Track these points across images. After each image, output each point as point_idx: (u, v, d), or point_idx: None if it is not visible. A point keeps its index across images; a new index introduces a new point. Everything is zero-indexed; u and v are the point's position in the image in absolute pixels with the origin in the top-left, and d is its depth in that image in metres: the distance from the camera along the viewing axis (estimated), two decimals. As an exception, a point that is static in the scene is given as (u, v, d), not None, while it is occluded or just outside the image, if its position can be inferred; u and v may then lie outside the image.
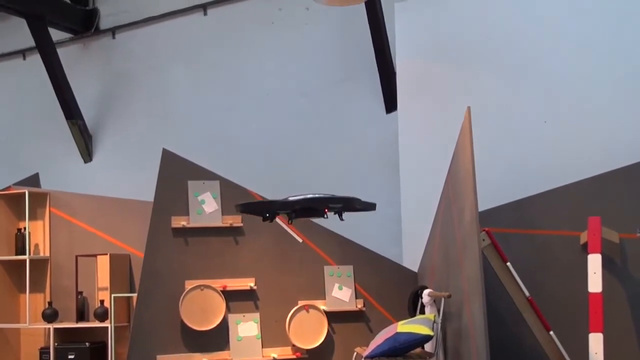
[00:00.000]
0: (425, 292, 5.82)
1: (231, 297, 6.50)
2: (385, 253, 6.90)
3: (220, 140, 9.38)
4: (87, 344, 7.39)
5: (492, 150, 6.52)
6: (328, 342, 6.58)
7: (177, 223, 6.50)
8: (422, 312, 5.88)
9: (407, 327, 5.39)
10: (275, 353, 6.51)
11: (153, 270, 6.39)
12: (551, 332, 5.70)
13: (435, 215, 6.35)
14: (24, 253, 7.59)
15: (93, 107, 10.50)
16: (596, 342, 5.23)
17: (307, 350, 6.53)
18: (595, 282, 5.35)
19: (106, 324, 7.28)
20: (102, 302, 7.37)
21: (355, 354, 6.20)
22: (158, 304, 6.37)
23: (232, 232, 6.61)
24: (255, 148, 9.10)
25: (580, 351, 5.42)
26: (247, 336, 6.47)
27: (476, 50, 6.99)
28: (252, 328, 6.49)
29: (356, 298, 6.67)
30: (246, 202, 6.08)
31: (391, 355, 5.35)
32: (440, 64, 7.17)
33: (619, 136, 6.25)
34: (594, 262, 5.41)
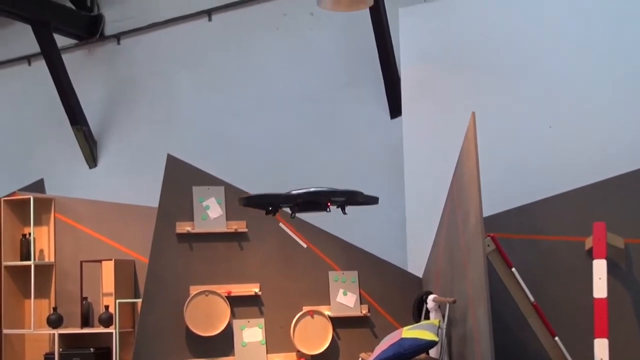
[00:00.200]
0: (430, 297, 5.82)
1: (236, 302, 6.50)
2: (389, 258, 6.89)
3: (225, 145, 9.39)
4: (91, 349, 7.39)
5: (497, 155, 6.51)
6: (333, 348, 6.57)
7: (182, 228, 6.51)
8: (427, 317, 5.87)
9: (411, 332, 5.37)
10: (280, 359, 6.50)
11: (158, 276, 6.39)
12: (556, 338, 5.69)
13: (439, 221, 6.34)
14: (28, 259, 7.60)
15: (98, 113, 10.51)
16: (601, 347, 5.21)
17: (312, 356, 6.53)
18: (600, 288, 5.34)
19: (111, 329, 7.28)
20: (106, 307, 7.38)
21: (360, 359, 6.19)
22: (163, 309, 6.37)
23: (236, 237, 6.61)
24: (259, 153, 9.10)
25: (586, 357, 5.40)
26: (251, 342, 6.47)
27: (480, 55, 6.99)
28: (256, 334, 6.49)
29: (361, 303, 6.67)
30: (249, 195, 6.07)
31: (396, 361, 5.34)
32: (444, 69, 7.17)
33: (623, 141, 6.24)
34: (599, 268, 5.39)
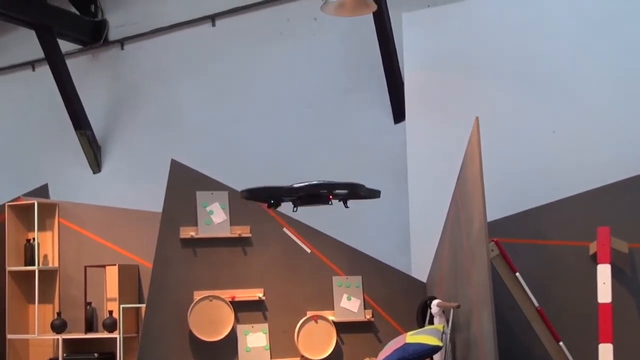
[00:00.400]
0: (434, 302, 5.81)
1: (240, 307, 6.50)
2: (393, 263, 6.88)
3: (229, 150, 9.40)
4: (95, 354, 7.41)
5: (501, 160, 6.51)
6: (337, 353, 6.56)
7: (186, 233, 6.51)
8: (431, 322, 5.86)
9: (416, 337, 5.37)
10: (284, 364, 6.51)
11: (162, 281, 6.39)
12: (560, 343, 5.68)
13: (443, 226, 6.34)
14: (33, 264, 7.61)
15: (102, 118, 10.53)
16: (606, 352, 5.20)
17: (316, 360, 6.53)
18: (604, 293, 5.33)
19: (115, 334, 7.29)
20: (110, 312, 7.38)
21: (364, 364, 6.20)
22: (166, 314, 6.37)
23: (240, 242, 6.61)
24: (263, 158, 9.11)
25: (590, 362, 5.41)
26: (255, 347, 6.46)
27: (484, 60, 6.99)
28: (260, 339, 6.48)
29: (365, 309, 6.66)
30: (251, 188, 6.07)
31: (400, 366, 5.34)
32: (448, 74, 7.17)
33: (627, 146, 6.23)
34: (603, 273, 5.39)
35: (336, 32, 8.80)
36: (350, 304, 6.63)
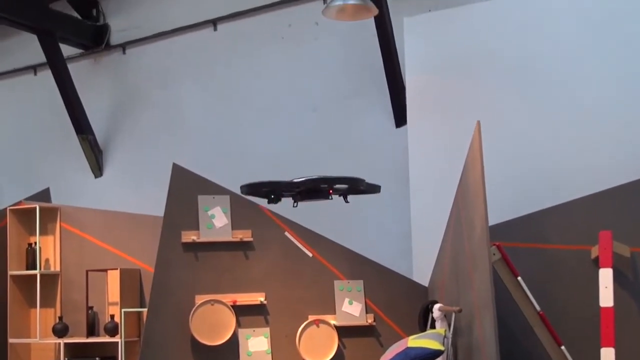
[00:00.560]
0: (436, 306, 5.81)
1: (241, 311, 6.49)
2: (395, 267, 6.88)
3: (230, 154, 9.40)
4: (97, 359, 7.40)
5: (502, 164, 6.51)
6: (338, 357, 6.55)
7: (187, 238, 6.50)
8: (433, 326, 5.87)
9: (417, 341, 5.37)
10: (286, 368, 6.50)
11: (163, 285, 6.39)
12: (562, 347, 5.67)
13: (445, 229, 6.34)
14: (34, 268, 7.61)
15: (103, 122, 10.54)
16: (608, 356, 5.20)
17: (318, 365, 6.52)
18: (606, 297, 5.33)
19: (116, 338, 7.29)
20: (112, 317, 7.38)
21: (365, 368, 6.19)
22: (168, 318, 6.36)
23: (242, 246, 6.61)
24: (264, 162, 9.10)
25: (592, 366, 5.41)
26: (257, 351, 6.45)
27: (485, 64, 7.00)
28: (262, 343, 6.48)
29: (366, 313, 6.65)
30: (251, 183, 6.06)
31: (402, 370, 5.34)
32: (449, 78, 7.17)
33: (629, 150, 6.23)
34: (605, 277, 5.39)
35: (337, 37, 8.81)
36: (351, 308, 6.63)
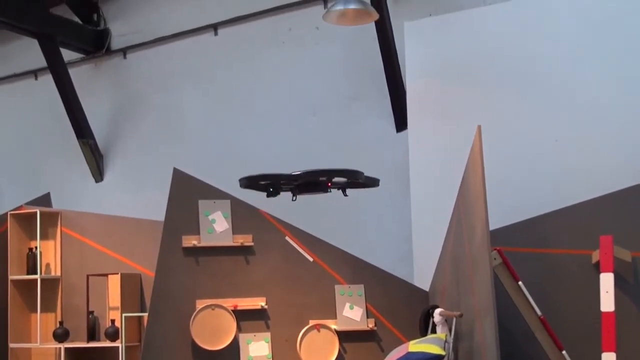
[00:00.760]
0: (437, 311, 5.81)
1: (242, 316, 6.49)
2: (396, 272, 6.87)
3: (231, 159, 9.40)
4: (97, 363, 7.41)
5: (503, 168, 6.51)
6: (339, 362, 6.56)
7: (188, 242, 6.50)
8: (434, 331, 5.86)
9: (418, 346, 5.37)
10: (286, 373, 6.50)
11: (164, 290, 6.39)
12: (563, 352, 5.66)
13: (446, 234, 6.33)
14: (35, 272, 7.61)
15: (104, 127, 10.55)
16: (609, 361, 5.21)
17: (318, 369, 6.51)
18: (607, 301, 5.33)
19: (117, 343, 7.28)
20: (113, 321, 7.38)
21: (366, 373, 6.18)
22: (169, 323, 6.36)
23: (242, 251, 6.61)
24: (265, 166, 9.07)
25: (593, 371, 5.40)
26: (257, 356, 6.45)
27: (486, 69, 7.00)
28: (263, 348, 6.47)
29: (367, 317, 6.64)
30: (249, 175, 6.05)
31: (403, 375, 5.33)
32: (450, 82, 7.17)
33: (630, 154, 6.23)
34: (606, 281, 5.39)
35: (338, 41, 8.81)
36: (352, 313, 6.62)
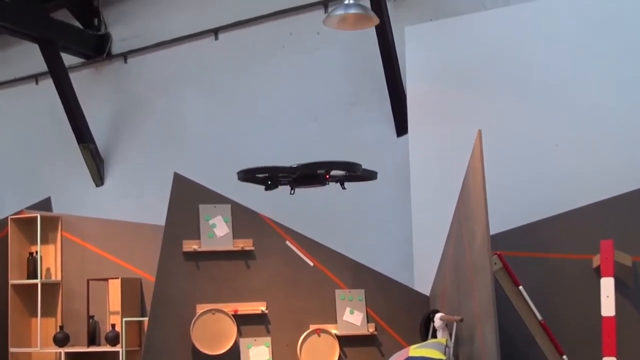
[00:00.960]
0: (437, 316, 5.80)
1: (242, 321, 6.48)
2: (396, 277, 6.87)
3: (231, 163, 9.34)
4: (98, 368, 7.40)
5: (503, 173, 6.51)
6: (339, 367, 6.56)
7: (189, 247, 6.50)
8: (434, 336, 5.85)
9: (419, 351, 5.36)
10: (287, 377, 6.49)
11: (164, 294, 6.38)
12: (564, 356, 5.66)
13: (446, 238, 6.33)
14: (35, 277, 7.60)
15: (105, 131, 10.55)
16: (610, 366, 5.20)
17: (319, 374, 6.51)
18: (608, 306, 5.33)
19: (117, 348, 7.27)
20: (113, 326, 7.37)
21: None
22: (169, 328, 6.36)
23: (243, 255, 6.61)
24: (266, 171, 9.10)
25: (594, 375, 5.39)
26: (258, 360, 6.46)
27: (486, 73, 7.00)
28: (263, 352, 6.47)
29: (368, 322, 6.64)
30: (246, 168, 6.04)
31: (403, 380, 5.33)
32: (450, 87, 7.18)
33: (631, 158, 6.23)
34: (607, 286, 5.38)
35: (339, 46, 8.82)
36: (353, 318, 6.62)
